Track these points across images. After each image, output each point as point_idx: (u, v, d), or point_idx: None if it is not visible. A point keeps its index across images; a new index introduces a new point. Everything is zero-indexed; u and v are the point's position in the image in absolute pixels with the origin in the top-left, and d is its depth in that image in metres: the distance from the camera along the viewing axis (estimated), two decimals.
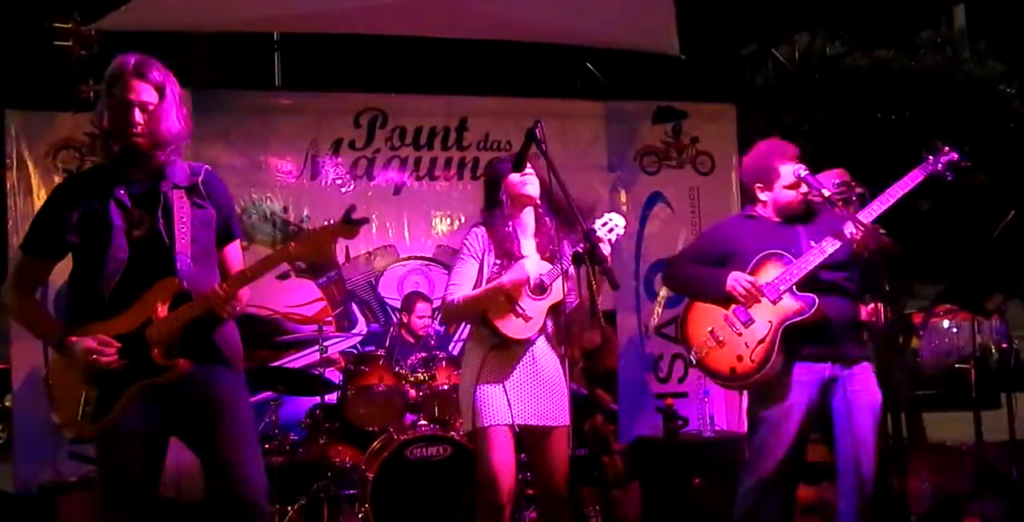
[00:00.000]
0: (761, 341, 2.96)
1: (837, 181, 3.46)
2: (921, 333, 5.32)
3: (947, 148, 3.00)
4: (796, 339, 2.96)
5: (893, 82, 7.88)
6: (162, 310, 2.30)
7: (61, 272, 2.48)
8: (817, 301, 2.93)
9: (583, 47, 5.51)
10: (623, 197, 5.58)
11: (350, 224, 2.26)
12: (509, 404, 2.82)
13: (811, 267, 2.96)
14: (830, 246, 2.96)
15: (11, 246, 4.77)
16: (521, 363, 2.88)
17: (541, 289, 2.86)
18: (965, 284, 4.17)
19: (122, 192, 2.36)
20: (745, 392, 3.28)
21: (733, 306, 3.03)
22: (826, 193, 2.97)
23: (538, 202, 2.96)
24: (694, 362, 3.13)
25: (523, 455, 3.10)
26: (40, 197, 4.82)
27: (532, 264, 2.87)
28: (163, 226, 2.34)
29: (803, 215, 3.12)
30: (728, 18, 5.67)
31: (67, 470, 4.38)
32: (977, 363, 4.68)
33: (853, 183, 3.50)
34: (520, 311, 2.83)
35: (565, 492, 2.90)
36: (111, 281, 2.32)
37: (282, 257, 2.34)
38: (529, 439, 2.90)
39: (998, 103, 8.14)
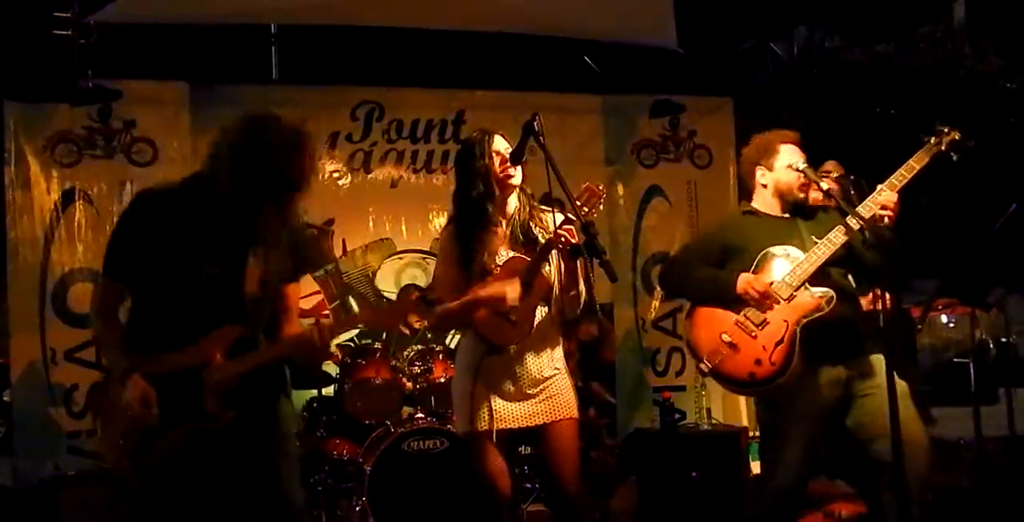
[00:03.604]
0: (779, 342, 2.84)
1: (835, 175, 3.45)
2: (920, 327, 5.31)
3: (947, 129, 2.93)
4: (815, 337, 2.85)
5: (893, 77, 7.88)
6: (220, 356, 2.24)
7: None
8: (835, 296, 2.85)
9: (581, 41, 5.49)
10: (621, 191, 5.57)
11: (425, 310, 2.26)
12: (493, 412, 2.74)
13: (822, 261, 2.87)
14: (840, 238, 2.86)
15: (9, 240, 4.77)
16: (514, 367, 2.78)
17: (522, 288, 2.70)
18: (966, 278, 4.17)
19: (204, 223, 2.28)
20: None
21: (744, 308, 2.91)
22: (824, 186, 2.95)
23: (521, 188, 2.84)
24: (706, 371, 2.96)
25: (522, 448, 3.05)
26: (39, 191, 4.81)
27: (516, 292, 2.69)
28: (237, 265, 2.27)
29: (803, 209, 3.04)
30: (726, 12, 5.66)
31: (66, 464, 4.38)
32: (975, 358, 4.67)
33: (850, 176, 3.49)
34: (505, 316, 2.71)
35: (575, 488, 2.79)
36: (182, 313, 2.26)
37: (356, 323, 2.51)
38: (530, 438, 2.85)
39: (999, 98, 8.14)
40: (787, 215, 3.04)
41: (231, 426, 2.26)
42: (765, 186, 3.04)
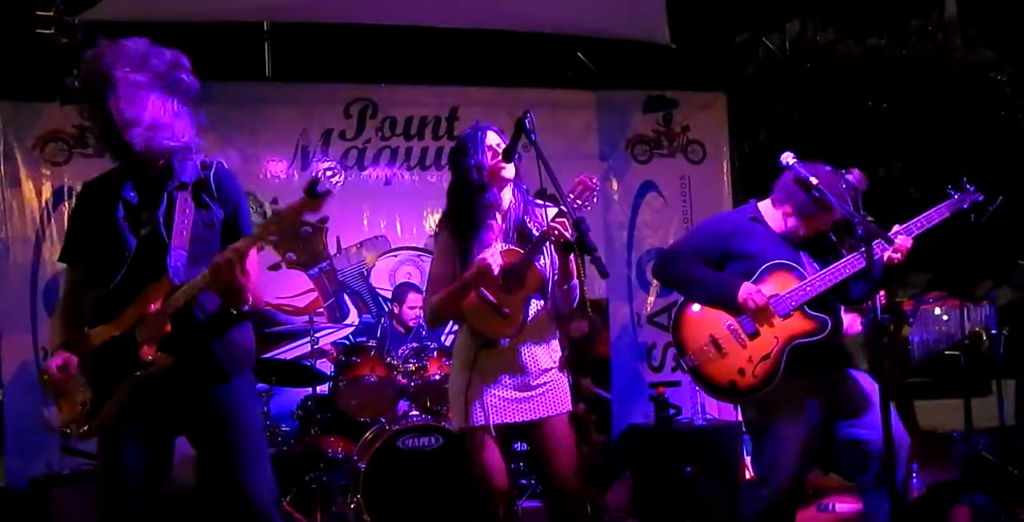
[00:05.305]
0: (765, 357, 2.85)
1: (826, 169, 3.43)
2: (912, 320, 5.33)
3: (972, 188, 2.94)
4: (801, 355, 2.86)
5: (884, 70, 7.89)
6: (153, 307, 2.28)
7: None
8: (831, 323, 2.85)
9: (574, 36, 5.50)
10: (615, 186, 5.58)
11: (314, 198, 2.18)
12: (488, 407, 2.73)
13: (828, 286, 2.86)
14: (850, 267, 2.86)
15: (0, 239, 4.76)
16: (510, 361, 2.76)
17: (515, 280, 2.70)
18: (955, 271, 4.18)
19: (130, 192, 2.36)
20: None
21: (739, 315, 2.91)
22: (814, 181, 2.94)
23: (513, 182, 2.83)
24: (687, 368, 2.97)
25: (517, 444, 3.03)
26: (29, 189, 4.81)
27: (495, 253, 2.70)
28: (163, 225, 2.32)
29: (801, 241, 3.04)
30: (719, 6, 5.66)
31: (58, 463, 4.38)
32: (967, 350, 4.70)
33: (847, 174, 3.48)
34: (497, 308, 2.70)
35: (573, 482, 2.77)
36: (117, 281, 2.32)
37: (258, 238, 2.25)
38: (525, 434, 2.82)
39: (989, 90, 8.16)
40: (786, 237, 3.03)
41: (173, 371, 2.29)
42: (783, 213, 2.99)
